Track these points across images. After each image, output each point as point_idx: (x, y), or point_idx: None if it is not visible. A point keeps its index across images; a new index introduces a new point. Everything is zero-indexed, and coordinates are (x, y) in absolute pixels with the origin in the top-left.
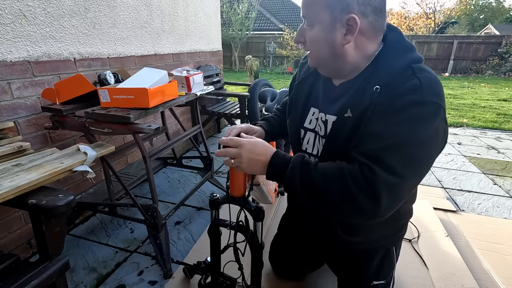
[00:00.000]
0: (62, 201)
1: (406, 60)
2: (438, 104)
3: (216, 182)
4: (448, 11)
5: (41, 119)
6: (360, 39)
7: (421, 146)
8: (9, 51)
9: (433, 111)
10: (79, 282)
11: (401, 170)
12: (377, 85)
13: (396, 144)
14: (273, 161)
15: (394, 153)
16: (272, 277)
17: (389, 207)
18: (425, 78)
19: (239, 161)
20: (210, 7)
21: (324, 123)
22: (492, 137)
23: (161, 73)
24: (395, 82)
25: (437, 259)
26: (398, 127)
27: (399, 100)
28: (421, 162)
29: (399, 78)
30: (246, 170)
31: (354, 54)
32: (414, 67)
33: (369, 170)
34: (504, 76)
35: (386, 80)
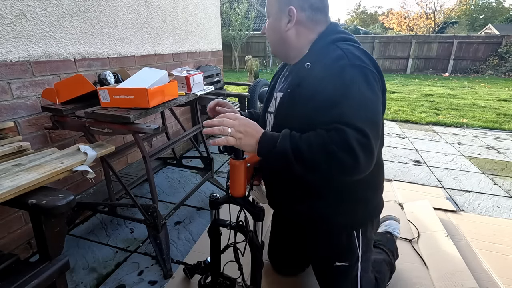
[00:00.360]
0: (62, 201)
1: (331, 39)
2: (365, 66)
3: (216, 182)
4: (448, 11)
5: (41, 119)
6: (300, 29)
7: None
8: (9, 51)
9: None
10: (79, 282)
11: (361, 125)
12: (308, 62)
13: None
14: (264, 136)
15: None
16: (272, 277)
17: (366, 160)
18: (348, 50)
19: (238, 131)
20: (210, 7)
21: (275, 100)
22: (492, 137)
23: (161, 73)
24: (322, 55)
25: (437, 259)
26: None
27: (330, 68)
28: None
29: (325, 52)
30: (240, 141)
31: (296, 41)
32: (338, 44)
33: (339, 130)
34: (504, 76)
35: (314, 56)
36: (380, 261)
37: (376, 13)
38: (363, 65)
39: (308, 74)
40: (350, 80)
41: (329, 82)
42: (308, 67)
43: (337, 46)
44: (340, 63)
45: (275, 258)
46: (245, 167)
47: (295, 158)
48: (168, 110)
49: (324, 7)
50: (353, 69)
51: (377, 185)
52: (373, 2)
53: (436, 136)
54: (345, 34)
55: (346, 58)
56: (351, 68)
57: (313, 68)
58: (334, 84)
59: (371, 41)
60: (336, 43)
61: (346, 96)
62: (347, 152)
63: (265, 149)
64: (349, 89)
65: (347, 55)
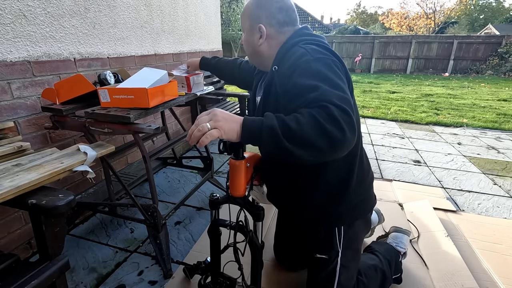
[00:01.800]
0: (62, 201)
1: (293, 42)
2: (326, 57)
3: (216, 182)
4: (448, 11)
5: (41, 119)
6: (271, 41)
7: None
8: (9, 51)
9: (325, 62)
10: (79, 282)
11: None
12: (275, 65)
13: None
14: (247, 120)
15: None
16: (272, 277)
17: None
18: (309, 47)
19: (216, 120)
20: (210, 7)
21: (258, 103)
22: (492, 137)
23: (161, 73)
24: (286, 57)
25: (437, 259)
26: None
27: (296, 64)
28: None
29: (289, 54)
30: (223, 127)
31: (268, 52)
32: (300, 44)
33: (324, 107)
34: (504, 76)
35: (279, 59)
36: (369, 266)
37: (376, 13)
38: (325, 56)
39: (277, 75)
40: (317, 69)
41: (299, 76)
42: (275, 70)
43: (299, 47)
44: (304, 58)
45: (280, 253)
46: (245, 167)
47: (283, 134)
48: (168, 110)
49: (291, 20)
50: (317, 62)
51: (358, 182)
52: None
53: (436, 136)
54: (308, 36)
55: (309, 54)
56: (314, 61)
57: (279, 69)
58: (304, 75)
59: (371, 41)
60: (298, 45)
61: (320, 81)
62: (334, 126)
63: (250, 130)
64: (319, 76)
65: (308, 51)
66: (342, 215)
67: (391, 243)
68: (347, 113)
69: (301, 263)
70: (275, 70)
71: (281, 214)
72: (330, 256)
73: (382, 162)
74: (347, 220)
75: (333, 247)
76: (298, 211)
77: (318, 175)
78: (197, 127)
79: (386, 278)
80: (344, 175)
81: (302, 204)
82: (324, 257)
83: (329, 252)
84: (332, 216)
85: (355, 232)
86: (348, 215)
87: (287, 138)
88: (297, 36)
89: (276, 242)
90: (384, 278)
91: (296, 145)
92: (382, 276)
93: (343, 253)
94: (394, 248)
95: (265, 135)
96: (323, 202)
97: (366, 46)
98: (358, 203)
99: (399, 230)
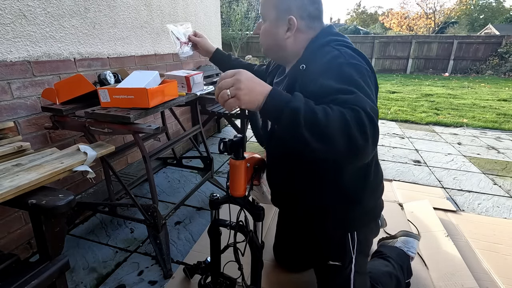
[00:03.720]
0: (62, 201)
1: (325, 41)
2: (361, 65)
3: (216, 182)
4: (448, 11)
5: (41, 119)
6: (298, 36)
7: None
8: (9, 51)
9: (359, 69)
10: (79, 282)
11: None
12: (303, 64)
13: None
14: (273, 94)
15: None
16: (272, 277)
17: (373, 145)
18: (344, 50)
19: (237, 88)
20: (210, 7)
21: None
22: (492, 137)
23: (153, 74)
24: (316, 56)
25: (437, 259)
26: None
27: (328, 65)
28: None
29: (320, 53)
30: (244, 98)
31: (294, 46)
32: (333, 45)
33: (355, 110)
34: (504, 76)
35: (309, 57)
36: (384, 273)
37: (376, 13)
38: (359, 63)
39: (304, 74)
40: (350, 75)
41: (329, 78)
42: (303, 69)
43: (333, 47)
44: (338, 61)
45: (280, 254)
46: (245, 167)
47: (305, 122)
48: (168, 110)
49: (320, 14)
50: (350, 67)
51: (374, 187)
52: (373, 2)
53: (436, 136)
54: (338, 36)
55: (343, 57)
56: (348, 66)
57: (308, 68)
58: (335, 78)
59: (371, 41)
60: (330, 45)
61: (353, 87)
62: (360, 132)
63: (272, 108)
64: (351, 82)
65: (343, 54)
66: (356, 220)
67: (402, 248)
68: (375, 125)
69: (301, 264)
70: (302, 69)
71: (281, 215)
72: (344, 262)
73: (382, 162)
74: (361, 225)
75: (347, 253)
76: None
77: (335, 180)
78: (220, 91)
79: (400, 284)
80: (361, 179)
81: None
82: (337, 264)
83: (343, 258)
84: (346, 221)
85: (367, 237)
86: (361, 220)
87: (308, 126)
88: (328, 34)
89: (276, 243)
90: (398, 284)
91: (314, 136)
92: (397, 282)
93: (357, 259)
94: (405, 253)
95: (285, 117)
96: (338, 207)
97: (366, 46)
98: (371, 208)
99: (409, 235)
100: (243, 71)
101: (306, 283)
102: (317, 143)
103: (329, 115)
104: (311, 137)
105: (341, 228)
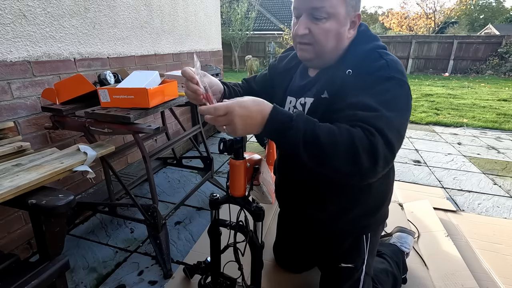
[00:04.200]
0: (62, 201)
1: (372, 46)
2: (403, 80)
3: (216, 182)
4: (448, 11)
5: (41, 119)
6: (350, 35)
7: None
8: (9, 51)
9: (400, 85)
10: (79, 282)
11: (390, 137)
12: (349, 69)
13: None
14: (272, 118)
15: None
16: (272, 277)
17: (382, 172)
18: (390, 60)
19: (233, 128)
20: (210, 7)
21: (302, 106)
22: (492, 137)
23: (152, 74)
24: (364, 63)
25: (437, 259)
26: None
27: (371, 77)
28: (401, 130)
29: (368, 60)
30: (240, 132)
31: (345, 46)
32: (379, 51)
33: (370, 133)
34: (504, 76)
35: (356, 63)
36: (380, 270)
37: (376, 13)
38: (403, 78)
39: (349, 81)
40: (391, 92)
41: (366, 88)
42: (349, 74)
43: (380, 55)
44: (381, 72)
45: (281, 256)
46: (245, 167)
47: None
48: (168, 110)
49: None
50: (393, 82)
51: (389, 191)
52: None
53: (436, 136)
54: (377, 39)
55: (388, 69)
56: (393, 81)
57: (354, 75)
58: (374, 91)
59: None
60: (377, 50)
61: (385, 105)
62: (369, 158)
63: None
64: (389, 99)
65: (389, 65)
66: (372, 224)
67: (396, 243)
68: (393, 152)
69: (302, 264)
70: (348, 74)
71: (282, 215)
72: (357, 264)
73: None
74: (374, 227)
75: (360, 254)
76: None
77: (363, 194)
78: (213, 122)
79: (397, 280)
80: (383, 188)
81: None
82: (349, 266)
83: (356, 260)
84: (363, 226)
85: (377, 238)
86: (376, 223)
87: (308, 149)
88: (372, 38)
89: (276, 243)
90: (395, 281)
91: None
92: (394, 279)
93: (367, 260)
94: (399, 248)
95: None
96: (360, 216)
97: None
98: (385, 209)
99: (403, 230)
100: (235, 108)
101: (306, 283)
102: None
103: (335, 138)
104: (310, 158)
105: (357, 230)
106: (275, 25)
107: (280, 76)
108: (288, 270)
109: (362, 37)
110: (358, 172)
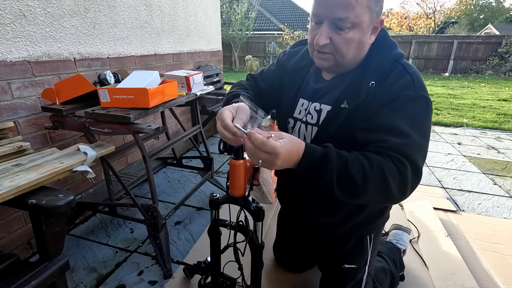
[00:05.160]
0: (62, 201)
1: (393, 55)
2: (428, 98)
3: (216, 182)
4: (448, 11)
5: (41, 119)
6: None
7: (426, 138)
8: (9, 51)
9: (427, 105)
10: (79, 282)
11: (419, 162)
12: (372, 81)
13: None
14: (306, 157)
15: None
16: (272, 277)
17: (410, 192)
18: (414, 74)
19: (269, 166)
20: (210, 7)
21: (317, 112)
22: (492, 137)
23: (153, 74)
24: (389, 78)
25: (437, 259)
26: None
27: (398, 96)
28: (426, 151)
29: (393, 74)
30: (275, 169)
31: (365, 52)
32: (402, 63)
33: (401, 163)
34: (504, 76)
35: (380, 75)
36: (378, 269)
37: None
38: (427, 96)
39: (373, 96)
40: (421, 114)
41: (395, 111)
42: (372, 86)
43: (403, 67)
44: (411, 93)
45: (281, 255)
46: (245, 167)
47: (338, 182)
48: (168, 110)
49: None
50: (421, 102)
51: None
52: None
53: (436, 136)
54: (396, 46)
55: (414, 88)
56: (419, 101)
57: (378, 88)
58: (405, 114)
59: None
60: (399, 61)
61: (415, 128)
62: (400, 189)
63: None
64: (415, 124)
65: (414, 82)
66: (377, 225)
67: (391, 240)
68: (419, 177)
69: (302, 264)
70: (371, 86)
71: (282, 216)
72: (360, 265)
73: None
74: (378, 228)
75: (364, 255)
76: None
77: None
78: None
79: (394, 278)
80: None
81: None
82: (353, 267)
83: (359, 261)
84: (368, 228)
85: (379, 238)
86: (380, 224)
87: (341, 186)
88: (392, 45)
89: (276, 243)
90: (393, 279)
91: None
92: (391, 277)
93: (370, 261)
94: (395, 246)
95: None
96: (365, 220)
97: None
98: (389, 212)
99: (399, 228)
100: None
101: (306, 283)
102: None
103: (367, 176)
104: (342, 194)
105: (362, 232)
106: (275, 25)
107: (290, 75)
108: (288, 269)
109: (383, 44)
110: (389, 202)
